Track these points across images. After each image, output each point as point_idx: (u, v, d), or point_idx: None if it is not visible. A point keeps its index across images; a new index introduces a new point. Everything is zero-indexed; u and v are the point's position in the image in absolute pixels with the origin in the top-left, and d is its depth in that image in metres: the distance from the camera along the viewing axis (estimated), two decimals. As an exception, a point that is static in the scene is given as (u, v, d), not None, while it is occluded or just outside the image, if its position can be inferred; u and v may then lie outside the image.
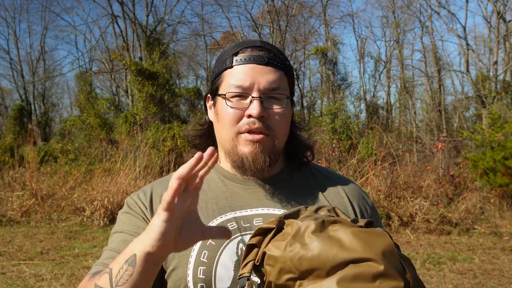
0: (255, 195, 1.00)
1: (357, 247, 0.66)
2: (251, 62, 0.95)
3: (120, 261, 0.76)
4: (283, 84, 0.98)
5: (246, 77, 0.95)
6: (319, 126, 15.75)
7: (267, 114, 0.95)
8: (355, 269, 0.64)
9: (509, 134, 8.74)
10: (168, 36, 20.58)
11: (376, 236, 0.69)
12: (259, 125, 0.94)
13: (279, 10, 21.43)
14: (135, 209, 1.00)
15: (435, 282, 4.70)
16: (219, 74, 1.00)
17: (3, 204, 8.40)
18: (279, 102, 0.97)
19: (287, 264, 0.68)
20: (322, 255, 0.66)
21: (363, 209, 1.05)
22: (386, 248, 0.67)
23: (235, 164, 0.99)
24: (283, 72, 0.98)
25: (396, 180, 7.70)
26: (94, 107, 18.30)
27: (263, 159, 0.95)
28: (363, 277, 0.64)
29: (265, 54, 0.97)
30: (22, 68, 25.38)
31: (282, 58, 0.99)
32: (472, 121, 19.98)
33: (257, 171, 0.96)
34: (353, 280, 0.64)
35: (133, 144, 10.48)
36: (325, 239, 0.67)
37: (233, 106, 0.95)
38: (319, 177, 1.09)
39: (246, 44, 0.99)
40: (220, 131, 1.00)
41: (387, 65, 22.14)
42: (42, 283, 4.72)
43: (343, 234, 0.68)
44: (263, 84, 0.94)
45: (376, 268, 0.64)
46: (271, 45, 1.01)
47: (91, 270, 0.93)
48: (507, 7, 17.25)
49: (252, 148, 0.95)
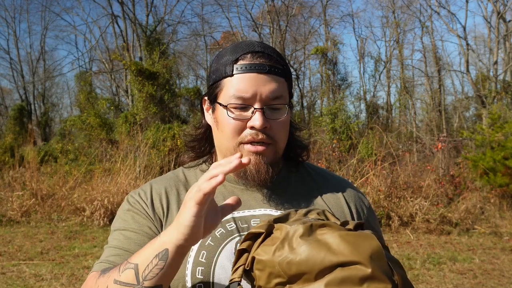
0: (253, 196, 1.01)
1: (345, 250, 0.66)
2: (252, 71, 0.94)
3: (147, 256, 0.78)
4: (284, 92, 0.97)
5: (248, 87, 0.93)
6: (319, 126, 15.75)
7: (269, 124, 0.95)
8: (342, 272, 0.65)
9: (509, 134, 8.74)
10: (168, 36, 20.60)
11: (364, 239, 0.69)
12: (262, 136, 0.94)
13: (279, 10, 21.42)
14: (136, 206, 1.00)
15: (435, 282, 4.70)
16: (218, 81, 0.98)
17: (3, 204, 8.40)
18: (280, 112, 0.96)
19: (276, 268, 0.69)
20: (310, 259, 0.66)
21: (360, 209, 1.05)
22: (373, 251, 0.67)
23: (238, 174, 0.99)
24: (283, 78, 0.97)
25: (396, 180, 7.70)
26: (94, 107, 18.30)
27: (266, 169, 0.96)
28: (350, 280, 0.64)
29: (266, 62, 0.95)
30: (22, 68, 25.41)
31: (282, 63, 0.98)
32: (472, 121, 19.98)
33: (260, 181, 0.97)
34: (341, 283, 0.64)
35: (133, 144, 10.48)
36: (313, 243, 0.68)
37: (235, 117, 0.95)
38: (316, 177, 1.09)
39: (245, 49, 0.97)
40: (221, 139, 0.99)
41: (387, 65, 22.14)
42: (42, 283, 4.73)
43: (331, 237, 0.68)
44: (265, 94, 0.94)
45: (364, 271, 0.65)
46: (270, 48, 0.99)
47: (94, 268, 0.92)
48: (507, 7, 17.25)
49: (255, 159, 0.95)
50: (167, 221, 0.97)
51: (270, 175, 0.96)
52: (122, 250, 0.92)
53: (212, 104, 1.01)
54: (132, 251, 0.90)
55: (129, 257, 0.82)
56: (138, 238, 0.94)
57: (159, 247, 0.77)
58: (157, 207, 0.99)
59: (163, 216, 0.98)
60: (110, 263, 0.90)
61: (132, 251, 0.90)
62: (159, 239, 0.79)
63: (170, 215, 0.98)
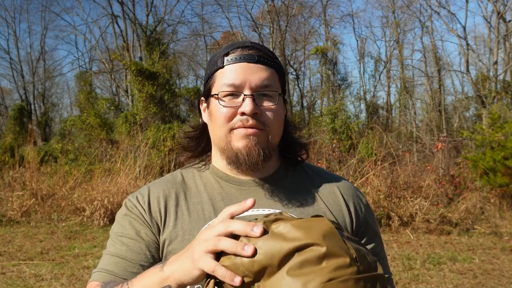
0: (250, 196, 1.00)
1: (298, 235, 0.69)
2: (241, 61, 0.96)
3: (148, 285, 0.79)
4: (274, 81, 0.98)
5: (238, 75, 0.95)
6: (319, 126, 15.76)
7: (260, 111, 0.95)
8: (300, 256, 0.67)
9: (509, 134, 8.74)
10: (168, 36, 20.60)
11: (315, 222, 0.71)
12: (252, 121, 0.94)
13: (279, 10, 21.42)
14: (134, 211, 1.00)
15: (435, 282, 4.70)
16: (210, 76, 1.01)
17: (3, 204, 8.40)
18: (271, 99, 0.97)
19: (240, 269, 0.70)
20: (268, 252, 0.68)
21: (358, 207, 1.05)
22: (325, 231, 0.69)
23: (230, 160, 0.99)
24: (274, 70, 0.99)
25: (396, 180, 7.70)
26: (94, 107, 18.30)
27: (257, 152, 0.95)
28: (309, 262, 0.66)
29: (255, 53, 0.97)
30: (22, 68, 25.42)
31: (272, 56, 1.00)
32: (472, 121, 19.99)
33: (252, 164, 0.96)
34: (301, 266, 0.66)
35: (133, 144, 10.49)
36: (268, 237, 0.70)
37: (226, 105, 0.96)
38: (314, 176, 1.09)
39: (236, 45, 0.99)
40: (214, 130, 1.00)
41: (387, 65, 22.15)
42: (42, 283, 4.72)
43: (284, 227, 0.70)
44: (255, 81, 0.95)
45: (319, 251, 0.67)
46: (260, 45, 1.02)
47: (94, 277, 0.94)
48: (507, 7, 17.25)
49: (246, 142, 0.95)
50: (165, 225, 0.98)
51: (261, 158, 0.96)
52: (119, 258, 0.94)
53: (207, 100, 1.03)
54: (129, 258, 0.93)
55: (130, 281, 0.84)
56: (135, 245, 0.95)
57: (162, 281, 0.77)
58: (155, 211, 0.99)
59: (160, 220, 0.98)
60: (108, 273, 0.93)
61: (129, 258, 0.93)
62: (163, 272, 0.78)
63: (168, 219, 0.98)
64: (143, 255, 0.95)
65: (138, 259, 0.94)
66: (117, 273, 0.93)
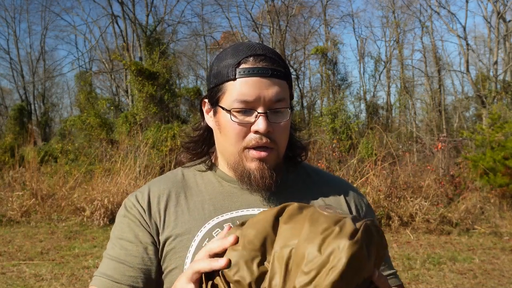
0: (251, 196, 1.01)
1: (272, 211, 0.79)
2: (255, 75, 0.94)
3: None
4: (286, 95, 0.97)
5: (251, 91, 0.93)
6: (319, 126, 15.76)
7: (272, 128, 0.95)
8: (285, 214, 0.77)
9: (509, 134, 8.74)
10: (168, 36, 20.61)
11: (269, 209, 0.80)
12: (265, 140, 0.95)
13: (279, 10, 21.43)
14: (132, 212, 1.00)
15: (435, 282, 4.70)
16: (220, 84, 0.97)
17: (3, 204, 8.40)
18: (283, 115, 0.97)
19: (244, 254, 0.74)
20: (257, 226, 0.76)
21: (359, 206, 1.06)
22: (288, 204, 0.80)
23: (241, 178, 0.99)
24: (285, 81, 0.98)
25: (396, 180, 7.70)
26: (94, 107, 18.30)
27: (270, 174, 0.96)
28: (293, 214, 0.76)
29: (269, 65, 0.95)
30: (22, 68, 25.43)
31: (283, 65, 0.98)
32: (472, 121, 20.00)
33: (265, 187, 0.97)
34: (290, 217, 0.77)
35: (133, 144, 10.48)
36: (249, 225, 0.78)
37: (239, 122, 0.95)
38: (315, 177, 1.09)
39: (247, 51, 0.96)
40: (224, 144, 1.00)
41: (387, 65, 22.15)
42: (42, 283, 4.73)
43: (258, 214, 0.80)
44: (268, 98, 0.94)
45: (293, 206, 0.78)
46: (271, 50, 0.99)
47: (94, 281, 0.96)
48: (507, 7, 17.26)
49: (259, 165, 0.96)
50: (165, 225, 0.98)
51: (274, 180, 0.97)
52: (118, 262, 0.95)
53: (214, 107, 1.00)
54: (128, 262, 0.95)
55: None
56: (133, 249, 0.96)
57: None
58: (154, 211, 0.99)
59: (160, 220, 0.98)
60: (108, 278, 0.94)
61: (128, 262, 0.95)
62: None
63: (168, 218, 0.98)
64: (141, 258, 0.95)
65: (136, 263, 0.95)
66: (116, 278, 0.94)
